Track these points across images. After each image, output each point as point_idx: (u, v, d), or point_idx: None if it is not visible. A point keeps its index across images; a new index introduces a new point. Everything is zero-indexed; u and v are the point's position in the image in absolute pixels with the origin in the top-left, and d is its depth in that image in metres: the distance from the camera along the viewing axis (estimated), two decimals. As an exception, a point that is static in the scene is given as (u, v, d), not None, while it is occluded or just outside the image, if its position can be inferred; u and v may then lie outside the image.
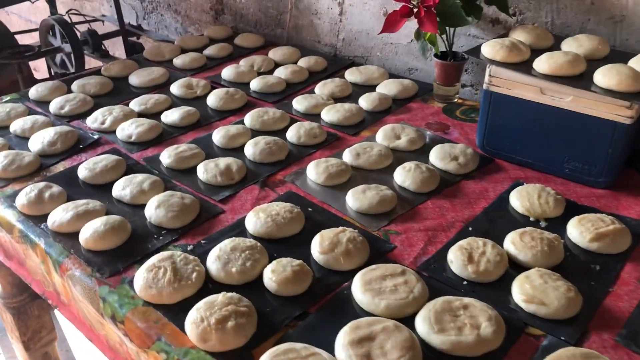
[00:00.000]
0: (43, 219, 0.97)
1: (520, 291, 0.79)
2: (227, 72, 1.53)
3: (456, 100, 1.39)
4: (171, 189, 1.04)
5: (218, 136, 1.20)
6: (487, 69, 1.09)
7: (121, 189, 1.03)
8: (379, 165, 1.12)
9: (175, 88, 1.45)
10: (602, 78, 0.98)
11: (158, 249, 0.90)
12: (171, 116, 1.30)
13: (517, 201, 0.99)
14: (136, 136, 1.21)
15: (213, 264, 0.84)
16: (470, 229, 0.94)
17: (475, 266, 0.83)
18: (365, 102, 1.36)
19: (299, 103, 1.36)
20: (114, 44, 2.56)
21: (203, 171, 1.08)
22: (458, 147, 1.13)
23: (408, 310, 0.76)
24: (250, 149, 1.15)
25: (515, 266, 0.85)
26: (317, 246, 0.87)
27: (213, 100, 1.37)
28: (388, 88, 1.42)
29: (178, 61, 1.63)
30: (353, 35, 1.63)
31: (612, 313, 0.77)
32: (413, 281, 0.80)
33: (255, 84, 1.47)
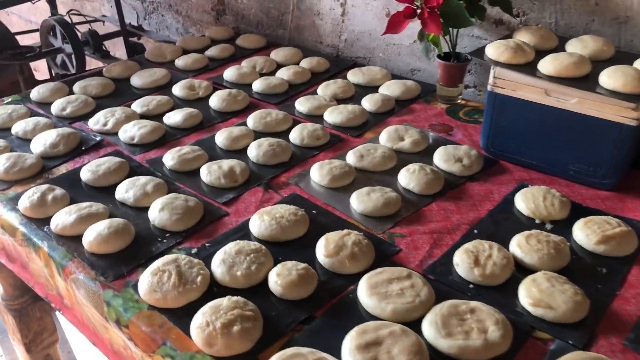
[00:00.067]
0: (46, 222, 0.97)
1: (527, 295, 0.79)
2: (229, 73, 1.52)
3: (459, 101, 1.38)
4: (174, 192, 1.04)
5: (221, 138, 1.20)
6: (492, 71, 1.09)
7: (124, 192, 1.02)
8: (383, 167, 1.11)
9: (177, 89, 1.44)
10: (608, 79, 0.98)
11: (162, 252, 0.90)
12: (174, 118, 1.29)
13: (522, 203, 0.98)
14: (139, 138, 1.21)
15: (218, 268, 0.83)
16: (475, 232, 0.94)
17: (481, 269, 0.82)
18: (368, 103, 1.35)
19: (302, 104, 1.35)
20: (115, 45, 2.56)
21: (206, 173, 1.08)
22: (462, 149, 1.13)
23: (414, 314, 0.76)
24: (253, 151, 1.15)
25: (521, 269, 0.85)
26: (322, 249, 0.87)
27: (215, 101, 1.37)
28: (391, 89, 1.41)
29: (180, 62, 1.62)
30: (355, 36, 1.63)
31: (620, 316, 0.77)
32: (419, 285, 0.79)
33: (257, 85, 1.46)
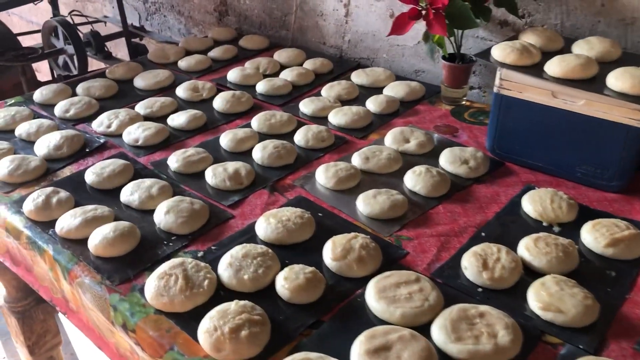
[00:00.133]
0: (51, 225, 0.96)
1: (536, 298, 0.78)
2: (233, 75, 1.51)
3: (464, 102, 1.38)
4: (180, 194, 1.03)
5: (226, 140, 1.19)
6: (498, 72, 1.08)
7: (129, 194, 1.02)
8: (389, 169, 1.11)
9: (180, 91, 1.44)
10: (616, 81, 0.97)
11: (168, 256, 0.89)
12: (178, 119, 1.29)
13: (530, 206, 0.98)
14: (143, 140, 1.20)
15: (225, 271, 0.83)
16: (483, 235, 0.93)
17: (490, 273, 0.82)
18: (372, 105, 1.35)
19: (306, 106, 1.35)
20: (116, 45, 2.55)
21: (211, 176, 1.07)
22: (468, 151, 1.12)
23: (423, 318, 0.75)
24: (258, 153, 1.14)
25: (529, 272, 0.84)
26: (329, 253, 0.86)
27: (219, 103, 1.36)
28: (395, 90, 1.41)
29: (183, 63, 1.62)
30: (359, 37, 1.62)
31: (630, 320, 0.76)
32: (428, 289, 0.79)
33: (261, 87, 1.45)
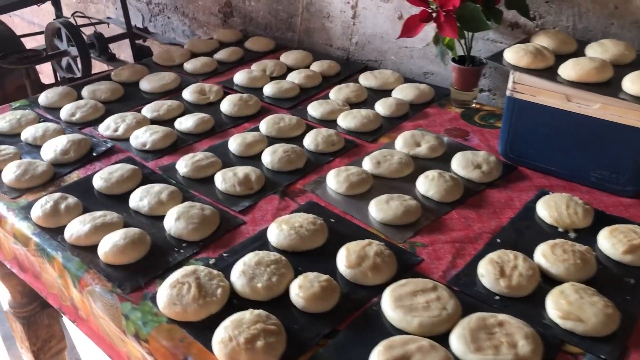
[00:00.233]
0: (59, 231, 0.95)
1: (555, 307, 0.77)
2: (240, 77, 1.50)
3: (474, 105, 1.36)
4: (189, 199, 1.02)
5: (235, 144, 1.18)
6: (511, 76, 1.07)
7: (138, 200, 1.00)
8: (400, 173, 1.09)
9: (187, 94, 1.42)
10: (632, 85, 0.96)
11: (179, 263, 0.88)
12: (185, 123, 1.27)
13: (545, 211, 0.96)
14: (151, 144, 1.19)
15: (238, 279, 0.81)
16: (498, 241, 0.92)
17: (507, 280, 0.81)
18: (381, 108, 1.33)
19: (315, 109, 1.33)
20: (119, 47, 2.53)
21: (221, 181, 1.06)
22: (480, 155, 1.11)
23: (441, 328, 0.74)
24: (268, 157, 1.13)
25: (547, 280, 0.83)
26: (344, 260, 0.85)
27: (227, 106, 1.35)
28: (404, 93, 1.39)
29: (189, 66, 1.60)
30: (366, 38, 1.61)
31: (651, 329, 0.75)
32: (445, 297, 0.77)
33: (268, 89, 1.44)
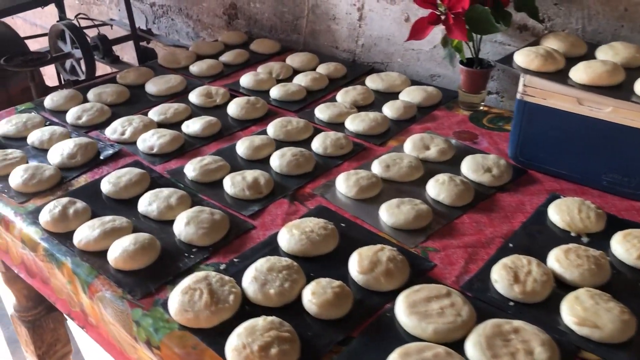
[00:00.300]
0: (68, 237, 0.94)
1: (570, 313, 0.76)
2: (246, 80, 1.49)
3: (482, 108, 1.36)
4: (198, 204, 1.01)
5: (242, 147, 1.17)
6: (522, 79, 1.06)
7: (147, 205, 1.00)
8: (410, 177, 1.08)
9: (194, 97, 1.42)
10: (644, 88, 0.96)
11: (190, 268, 0.87)
12: (192, 126, 1.26)
13: (557, 215, 0.96)
14: (158, 148, 1.18)
15: (250, 285, 0.81)
16: (510, 245, 0.91)
17: (521, 286, 0.80)
18: (389, 111, 1.32)
19: (322, 112, 1.32)
20: (122, 49, 2.53)
21: (230, 185, 1.05)
22: (490, 158, 1.10)
23: (456, 334, 0.73)
24: (276, 161, 1.12)
25: (561, 285, 0.82)
26: (356, 266, 0.84)
27: (234, 109, 1.34)
28: (412, 95, 1.39)
29: (195, 68, 1.59)
30: (373, 41, 1.60)
31: (668, 336, 0.74)
32: (459, 303, 0.77)
33: (275, 92, 1.43)
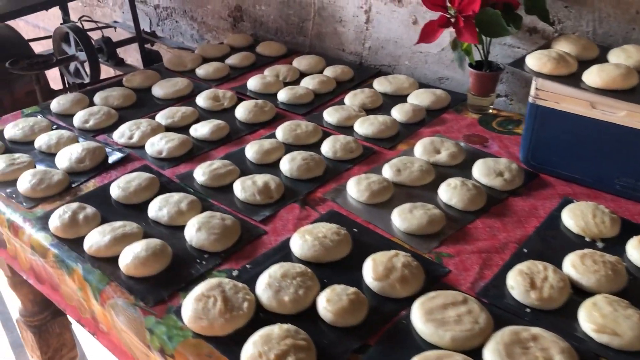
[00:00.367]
0: (78, 242, 0.93)
1: (589, 320, 0.75)
2: (253, 83, 1.48)
3: (491, 111, 1.35)
4: (208, 209, 1.01)
5: (252, 151, 1.16)
6: (534, 82, 1.06)
7: (158, 210, 0.99)
8: (422, 181, 1.08)
9: (201, 100, 1.41)
10: (659, 92, 0.95)
11: (202, 275, 0.86)
12: (201, 130, 1.25)
13: (571, 220, 0.95)
14: (167, 152, 1.17)
15: (264, 292, 0.80)
16: (525, 251, 0.90)
17: (538, 292, 0.79)
18: (398, 114, 1.32)
19: (331, 115, 1.32)
20: (126, 51, 2.52)
21: (240, 189, 1.04)
22: (502, 162, 1.09)
23: (474, 342, 0.73)
24: (286, 165, 1.11)
25: (577, 291, 0.81)
26: (371, 272, 0.83)
27: (242, 112, 1.33)
28: (420, 98, 1.38)
29: (201, 71, 1.58)
30: (380, 43, 1.59)
31: (688, 343, 0.73)
32: (476, 310, 0.76)
33: (283, 95, 1.42)
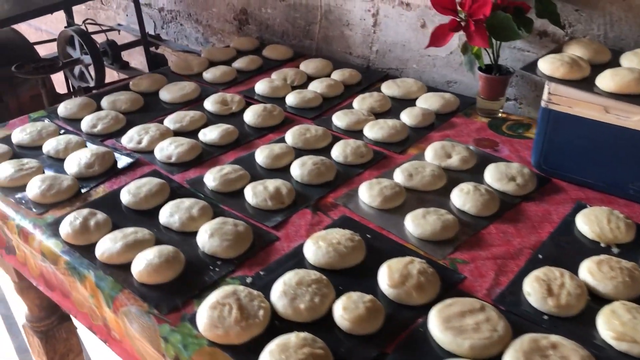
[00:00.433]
0: (89, 249, 0.93)
1: (608, 327, 0.75)
2: (261, 87, 1.48)
3: (500, 114, 1.34)
4: (219, 214, 1.00)
5: (262, 156, 1.16)
6: (546, 87, 1.05)
7: (169, 216, 0.98)
8: (434, 186, 1.07)
9: (209, 104, 1.40)
10: (674, 97, 0.94)
11: (216, 282, 0.86)
12: (210, 135, 1.25)
13: (586, 226, 0.94)
14: (176, 157, 1.17)
15: (279, 300, 0.79)
16: (540, 257, 0.90)
17: (555, 299, 0.78)
18: (407, 118, 1.31)
19: (340, 119, 1.31)
20: (130, 54, 2.51)
21: (252, 195, 1.03)
22: (514, 167, 1.09)
23: (493, 350, 0.72)
24: (297, 170, 1.11)
25: (594, 298, 0.81)
26: (386, 279, 0.82)
27: (250, 116, 1.32)
28: (429, 102, 1.37)
29: (208, 75, 1.58)
30: (387, 47, 1.59)
31: None
32: (494, 318, 0.75)
33: (291, 99, 1.42)
